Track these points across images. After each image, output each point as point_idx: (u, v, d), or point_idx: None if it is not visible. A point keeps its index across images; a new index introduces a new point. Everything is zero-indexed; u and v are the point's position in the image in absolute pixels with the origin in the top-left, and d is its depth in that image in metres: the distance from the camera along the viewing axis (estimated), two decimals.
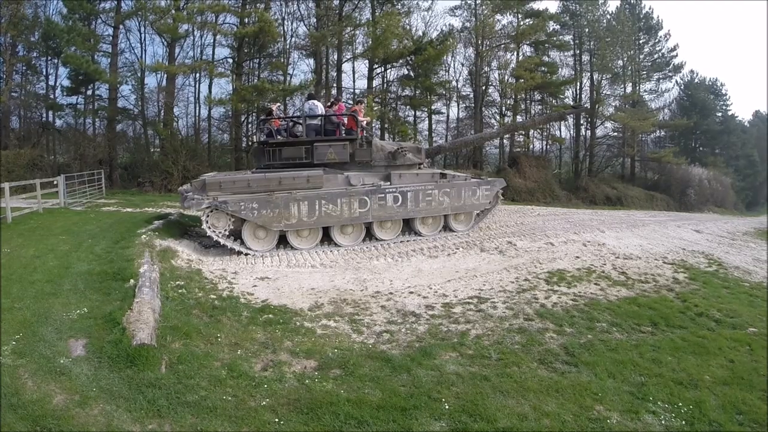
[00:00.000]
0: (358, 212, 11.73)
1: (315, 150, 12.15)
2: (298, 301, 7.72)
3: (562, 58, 36.77)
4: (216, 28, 25.47)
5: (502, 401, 4.75)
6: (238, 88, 24.95)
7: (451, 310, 7.50)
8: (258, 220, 10.85)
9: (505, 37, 32.68)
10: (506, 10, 32.06)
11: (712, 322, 7.56)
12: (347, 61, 28.88)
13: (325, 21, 26.99)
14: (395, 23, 26.35)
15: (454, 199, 13.00)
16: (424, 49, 27.61)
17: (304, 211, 11.16)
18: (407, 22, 29.90)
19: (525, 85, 31.60)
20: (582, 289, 8.99)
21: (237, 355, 5.55)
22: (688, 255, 13.12)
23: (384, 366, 5.40)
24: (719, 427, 4.58)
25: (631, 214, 24.05)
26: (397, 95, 30.52)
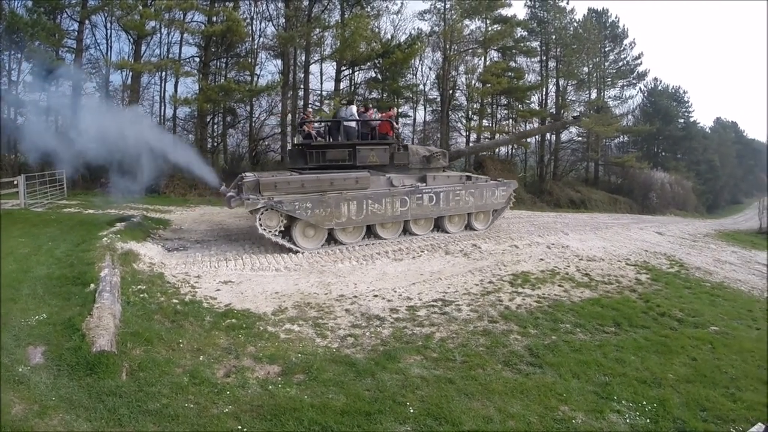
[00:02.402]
0: (399, 211, 12.59)
1: (357, 153, 12.86)
2: (261, 305, 7.57)
3: (528, 63, 37.09)
4: (183, 26, 24.92)
5: (467, 404, 4.74)
6: (204, 87, 24.48)
7: (416, 313, 7.46)
8: (311, 219, 11.32)
9: (473, 42, 32.75)
10: (475, 15, 32.09)
11: (675, 322, 7.74)
12: (315, 62, 28.58)
13: (293, 22, 26.67)
14: (364, 26, 26.18)
15: (478, 198, 14.15)
16: (393, 52, 27.52)
17: (353, 210, 11.80)
18: (376, 24, 29.75)
19: (492, 90, 31.76)
20: (546, 290, 9.09)
21: (199, 361, 5.39)
22: (650, 256, 13.40)
23: (348, 370, 5.32)
24: (683, 424, 4.64)
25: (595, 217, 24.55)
26: (364, 98, 30.27)
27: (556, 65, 36.92)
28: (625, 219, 25.94)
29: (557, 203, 29.92)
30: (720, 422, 4.76)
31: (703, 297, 9.61)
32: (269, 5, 27.39)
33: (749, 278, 12.60)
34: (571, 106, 37.77)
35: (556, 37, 36.30)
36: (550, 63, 37.17)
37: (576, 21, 38.01)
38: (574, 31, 37.18)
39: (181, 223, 14.48)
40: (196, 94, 25.14)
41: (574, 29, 37.33)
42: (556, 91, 37.42)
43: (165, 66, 25.29)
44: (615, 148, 44.22)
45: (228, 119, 27.71)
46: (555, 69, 37.07)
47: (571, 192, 33.25)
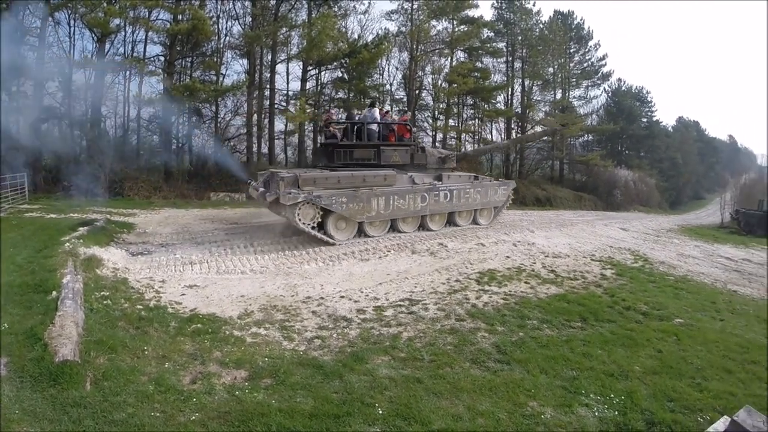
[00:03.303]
0: (419, 206, 13.74)
1: (382, 152, 13.95)
2: (227, 309, 7.39)
3: (495, 64, 37.58)
4: (148, 24, 24.37)
5: (436, 403, 4.68)
6: (169, 87, 24.04)
7: (383, 313, 7.39)
8: (346, 212, 12.24)
9: (439, 43, 32.99)
10: (442, 16, 32.34)
11: (640, 315, 7.83)
12: (281, 62, 28.34)
13: (260, 20, 26.44)
14: (331, 25, 26.05)
15: (483, 196, 15.60)
16: (359, 52, 27.47)
17: (382, 205, 12.86)
18: (343, 24, 29.68)
19: (458, 90, 32.03)
20: (512, 288, 9.12)
21: (165, 368, 5.20)
22: (615, 252, 13.62)
23: (316, 373, 5.21)
24: (651, 415, 4.67)
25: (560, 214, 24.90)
26: (330, 97, 30.21)
27: (522, 66, 37.57)
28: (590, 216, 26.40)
29: (523, 201, 30.19)
30: (687, 412, 4.80)
31: (667, 290, 9.76)
32: (236, 4, 27.13)
33: (712, 271, 12.85)
34: (536, 106, 38.48)
35: (522, 38, 36.97)
36: (515, 63, 37.85)
37: (542, 23, 38.84)
38: (540, 32, 37.91)
39: (145, 227, 14.15)
40: (160, 94, 24.65)
41: (540, 31, 38.07)
42: (521, 91, 38.17)
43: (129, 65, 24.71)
44: (580, 146, 45.10)
45: (193, 119, 27.20)
46: (521, 69, 37.79)
47: (536, 190, 33.67)
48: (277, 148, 28.99)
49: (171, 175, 24.03)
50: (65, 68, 24.10)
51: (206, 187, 23.57)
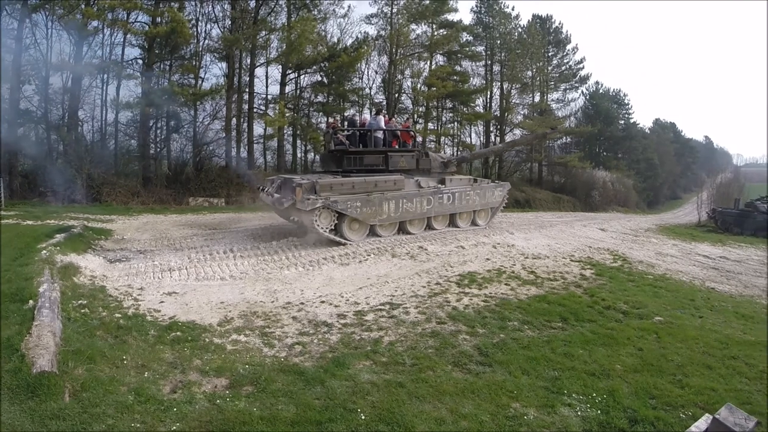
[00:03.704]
0: (425, 208, 14.47)
1: (390, 158, 14.60)
2: (207, 316, 7.26)
3: (473, 67, 37.84)
4: (127, 27, 24.02)
5: (419, 407, 4.65)
6: (147, 91, 23.73)
7: (364, 317, 7.33)
8: (360, 216, 12.88)
9: (419, 46, 33.15)
10: (421, 20, 32.50)
11: (620, 314, 7.90)
12: (260, 65, 28.15)
13: (239, 24, 26.26)
14: (310, 29, 26.01)
15: (482, 198, 16.41)
16: (339, 55, 27.50)
17: (392, 208, 13.56)
18: (323, 28, 29.67)
19: (437, 93, 32.17)
20: (493, 290, 9.14)
21: (144, 377, 5.09)
22: (594, 252, 13.74)
23: (297, 379, 5.14)
24: (634, 412, 4.68)
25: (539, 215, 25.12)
26: (309, 101, 30.15)
27: (501, 69, 37.91)
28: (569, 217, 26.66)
29: None
30: (669, 408, 4.82)
31: (646, 289, 9.87)
32: (215, 6, 26.81)
33: (690, 269, 13.03)
34: (514, 109, 38.84)
35: (501, 42, 37.35)
36: (494, 67, 38.21)
37: (521, 27, 39.39)
38: (519, 36, 38.38)
39: (123, 233, 13.93)
40: (138, 98, 24.30)
41: (518, 34, 38.49)
42: (500, 95, 38.50)
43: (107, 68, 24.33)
44: (558, 148, 45.58)
45: (171, 124, 26.85)
46: (499, 73, 38.09)
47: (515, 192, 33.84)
48: (256, 152, 28.77)
49: (149, 180, 23.74)
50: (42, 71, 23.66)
51: (185, 192, 23.32)
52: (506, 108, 38.20)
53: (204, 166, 26.26)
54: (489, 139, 38.12)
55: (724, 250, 17.57)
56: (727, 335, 7.20)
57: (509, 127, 38.90)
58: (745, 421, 1.72)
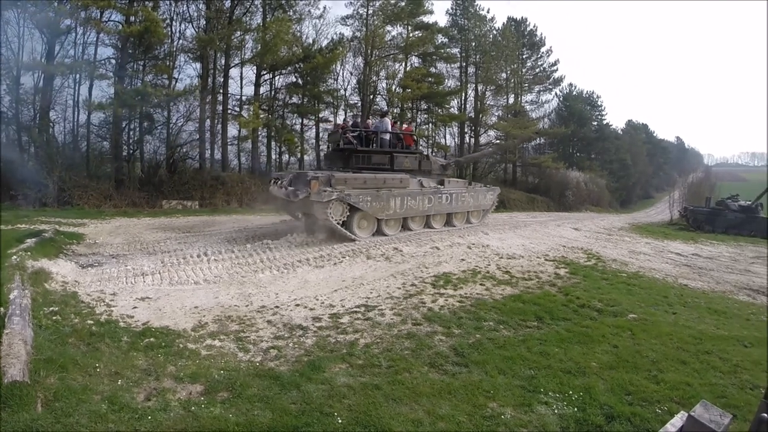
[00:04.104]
0: (426, 207, 15.50)
1: (395, 159, 15.54)
2: (180, 321, 7.11)
3: (448, 69, 38.04)
4: (100, 26, 23.48)
5: (396, 409, 4.60)
6: (120, 91, 23.23)
7: (339, 320, 7.26)
8: (370, 210, 13.62)
9: (394, 48, 33.21)
10: (396, 21, 32.57)
11: (594, 312, 7.97)
12: (235, 66, 27.83)
13: (214, 23, 25.92)
14: (285, 29, 25.83)
15: (475, 199, 17.80)
16: (314, 56, 27.38)
17: (398, 204, 14.39)
18: (298, 29, 29.50)
19: (412, 95, 32.31)
20: (468, 290, 9.16)
21: (118, 385, 4.94)
22: (568, 251, 13.89)
23: (273, 384, 5.05)
24: (610, 409, 4.70)
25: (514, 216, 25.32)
26: (284, 103, 29.96)
27: (476, 71, 38.18)
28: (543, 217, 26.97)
29: None
30: (645, 404, 4.86)
31: (620, 287, 9.98)
32: (190, 6, 26.42)
33: (663, 266, 13.23)
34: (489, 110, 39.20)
35: (476, 44, 37.61)
36: (469, 69, 38.42)
37: (495, 29, 39.66)
38: (494, 38, 38.65)
39: (95, 237, 13.63)
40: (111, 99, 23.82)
41: (493, 37, 38.70)
42: (474, 96, 38.79)
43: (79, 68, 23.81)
44: (532, 149, 46.17)
45: (144, 125, 26.37)
46: (474, 75, 38.34)
47: None
48: (230, 154, 28.51)
49: (122, 183, 23.26)
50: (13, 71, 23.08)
51: (158, 194, 22.94)
52: (481, 109, 38.52)
53: (178, 168, 25.88)
54: (464, 141, 38.38)
55: (696, 248, 17.90)
56: (701, 331, 7.31)
57: (483, 128, 39.35)
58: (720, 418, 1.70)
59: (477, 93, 38.82)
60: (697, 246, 18.55)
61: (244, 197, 24.64)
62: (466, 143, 38.27)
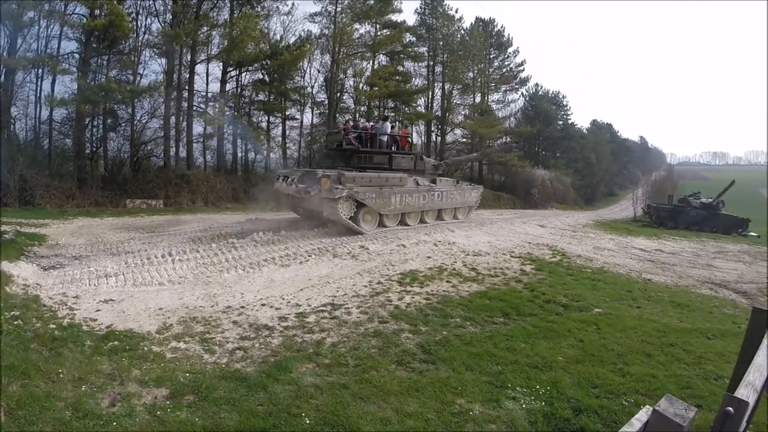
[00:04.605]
0: (421, 203, 16.86)
1: (393, 159, 16.97)
2: (145, 323, 6.96)
3: (416, 68, 38.13)
4: (64, 18, 22.71)
5: (364, 408, 4.58)
6: (83, 87, 22.51)
7: (305, 319, 7.20)
8: (374, 206, 14.84)
9: (361, 46, 33.07)
10: (365, 19, 32.44)
11: (560, 308, 8.07)
12: (201, 62, 27.24)
13: (180, 18, 25.37)
14: (253, 25, 25.38)
15: (462, 197, 19.35)
16: (281, 53, 27.03)
17: (398, 201, 15.68)
18: (266, 25, 29.12)
19: (379, 93, 32.24)
20: (434, 287, 9.19)
21: (82, 391, 4.81)
22: (533, 248, 14.07)
23: (239, 386, 4.99)
24: (577, 402, 4.75)
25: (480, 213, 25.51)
26: (251, 100, 29.57)
27: (443, 70, 38.35)
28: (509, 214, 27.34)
29: None
30: (612, 396, 4.93)
31: (585, 282, 10.15)
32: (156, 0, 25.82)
33: (627, 262, 13.50)
34: (456, 109, 39.47)
35: (444, 44, 37.77)
36: (436, 68, 38.56)
37: (463, 29, 39.81)
38: (462, 38, 38.79)
39: (57, 238, 13.24)
40: (74, 95, 23.11)
41: (461, 37, 38.90)
42: (441, 95, 39.04)
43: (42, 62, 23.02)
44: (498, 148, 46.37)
45: (108, 122, 25.59)
46: (441, 74, 38.46)
47: None
48: (195, 152, 27.96)
49: (85, 182, 22.59)
50: None
51: (122, 193, 22.37)
52: (447, 108, 38.82)
53: (142, 167, 25.26)
54: (430, 139, 38.52)
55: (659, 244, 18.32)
56: (665, 324, 7.46)
57: (450, 126, 39.61)
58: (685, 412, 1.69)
59: (444, 92, 39.05)
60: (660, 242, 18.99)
61: (210, 196, 24.26)
62: (432, 141, 38.40)
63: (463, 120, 40.02)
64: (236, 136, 28.60)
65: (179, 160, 26.59)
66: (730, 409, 1.95)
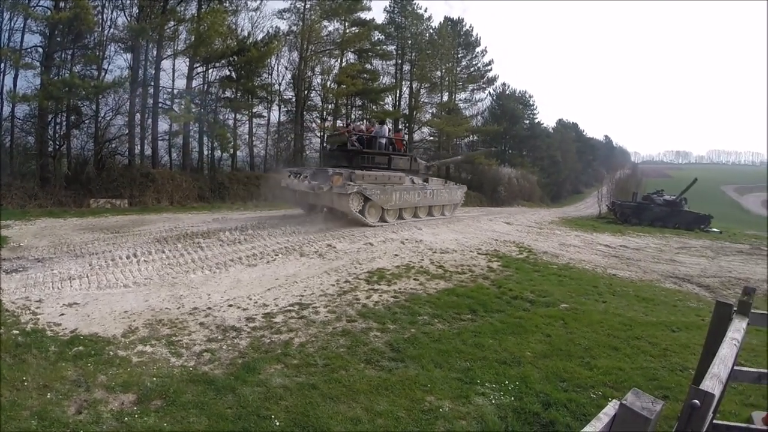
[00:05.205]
0: (416, 200, 18.87)
1: (392, 160, 18.38)
2: (110, 327, 6.75)
3: (384, 66, 38.22)
4: (27, 10, 21.86)
5: (334, 408, 4.55)
6: (47, 82, 21.79)
7: (273, 320, 7.10)
8: (379, 201, 16.63)
9: (330, 43, 32.91)
10: (334, 16, 32.29)
11: (527, 303, 8.17)
12: (167, 57, 26.62)
13: (147, 12, 24.77)
14: (221, 21, 25.03)
15: (449, 195, 21.63)
16: (248, 50, 26.69)
17: (398, 197, 17.56)
18: (234, 21, 28.59)
19: (346, 91, 32.24)
20: (402, 285, 9.20)
21: (47, 399, 4.65)
22: (500, 245, 14.23)
23: (207, 389, 4.88)
24: (546, 396, 4.80)
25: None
26: (217, 97, 29.09)
27: (411, 68, 38.47)
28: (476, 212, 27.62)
29: None
30: (580, 390, 4.99)
31: (551, 278, 10.29)
32: None
33: (592, 258, 13.76)
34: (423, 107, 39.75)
35: (412, 42, 37.88)
36: (404, 66, 38.60)
37: (432, 28, 39.96)
38: (430, 37, 38.94)
39: (19, 240, 12.81)
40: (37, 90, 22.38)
41: (429, 36, 39.06)
42: (409, 93, 39.13)
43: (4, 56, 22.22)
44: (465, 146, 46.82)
45: (72, 119, 24.77)
46: (409, 72, 38.54)
47: None
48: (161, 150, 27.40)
49: (47, 181, 21.91)
50: None
51: (86, 193, 21.79)
52: (415, 106, 39.03)
53: (106, 165, 24.57)
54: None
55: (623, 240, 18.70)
56: (630, 317, 7.62)
57: (417, 125, 39.87)
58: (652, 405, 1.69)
59: (412, 90, 39.25)
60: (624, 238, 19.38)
61: (175, 195, 23.83)
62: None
63: (430, 118, 40.36)
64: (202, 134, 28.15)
65: (144, 159, 26.01)
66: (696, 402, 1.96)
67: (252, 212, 19.02)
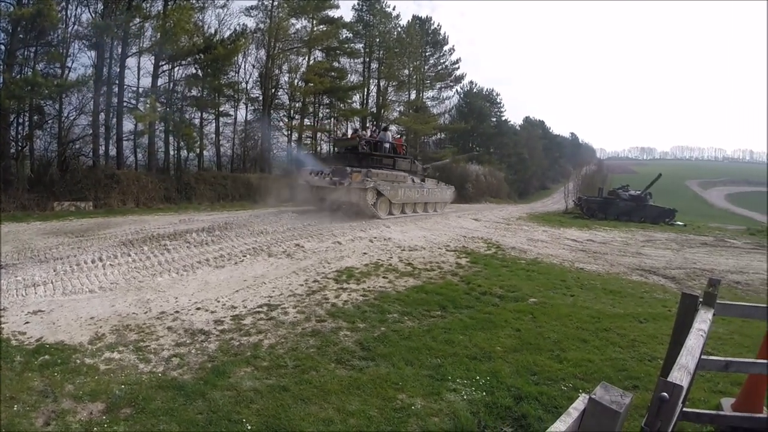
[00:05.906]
0: (417, 197, 21.59)
1: (396, 161, 20.80)
2: (76, 334, 6.55)
3: (351, 64, 38.10)
4: None
5: (305, 409, 4.50)
6: (8, 81, 21.03)
7: (242, 322, 7.01)
8: (388, 196, 19.06)
9: (297, 41, 32.68)
10: (302, 14, 32.10)
11: (496, 299, 8.23)
12: (132, 55, 25.97)
13: (112, 9, 24.13)
14: (187, 18, 24.60)
15: (441, 193, 24.50)
16: (215, 47, 26.30)
17: (402, 193, 20.19)
18: (200, 18, 28.22)
19: (314, 89, 32.13)
20: (371, 283, 9.19)
21: (14, 411, 4.49)
22: (468, 241, 14.35)
23: (177, 395, 4.79)
24: (518, 390, 4.82)
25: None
26: (183, 95, 28.57)
27: (379, 67, 38.59)
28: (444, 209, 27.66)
29: None
30: (551, 383, 5.02)
31: (519, 273, 10.40)
32: None
33: (560, 252, 13.96)
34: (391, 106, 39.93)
35: (380, 41, 37.98)
36: (372, 64, 38.67)
37: (400, 26, 40.24)
38: (398, 35, 39.15)
39: None
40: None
41: (397, 34, 39.23)
42: (377, 92, 39.32)
43: None
44: (433, 144, 47.40)
45: (35, 119, 23.99)
46: (377, 70, 38.66)
47: None
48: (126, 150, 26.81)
49: (9, 184, 21.20)
50: None
51: (49, 196, 21.16)
52: (383, 104, 39.18)
53: (70, 166, 23.86)
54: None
55: (590, 234, 19.05)
56: (598, 310, 7.73)
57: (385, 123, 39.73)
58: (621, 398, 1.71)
59: (379, 88, 39.34)
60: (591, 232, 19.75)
61: (141, 196, 23.31)
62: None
63: (398, 116, 40.56)
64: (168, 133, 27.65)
65: (109, 159, 25.41)
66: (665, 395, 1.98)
67: (219, 213, 18.77)
